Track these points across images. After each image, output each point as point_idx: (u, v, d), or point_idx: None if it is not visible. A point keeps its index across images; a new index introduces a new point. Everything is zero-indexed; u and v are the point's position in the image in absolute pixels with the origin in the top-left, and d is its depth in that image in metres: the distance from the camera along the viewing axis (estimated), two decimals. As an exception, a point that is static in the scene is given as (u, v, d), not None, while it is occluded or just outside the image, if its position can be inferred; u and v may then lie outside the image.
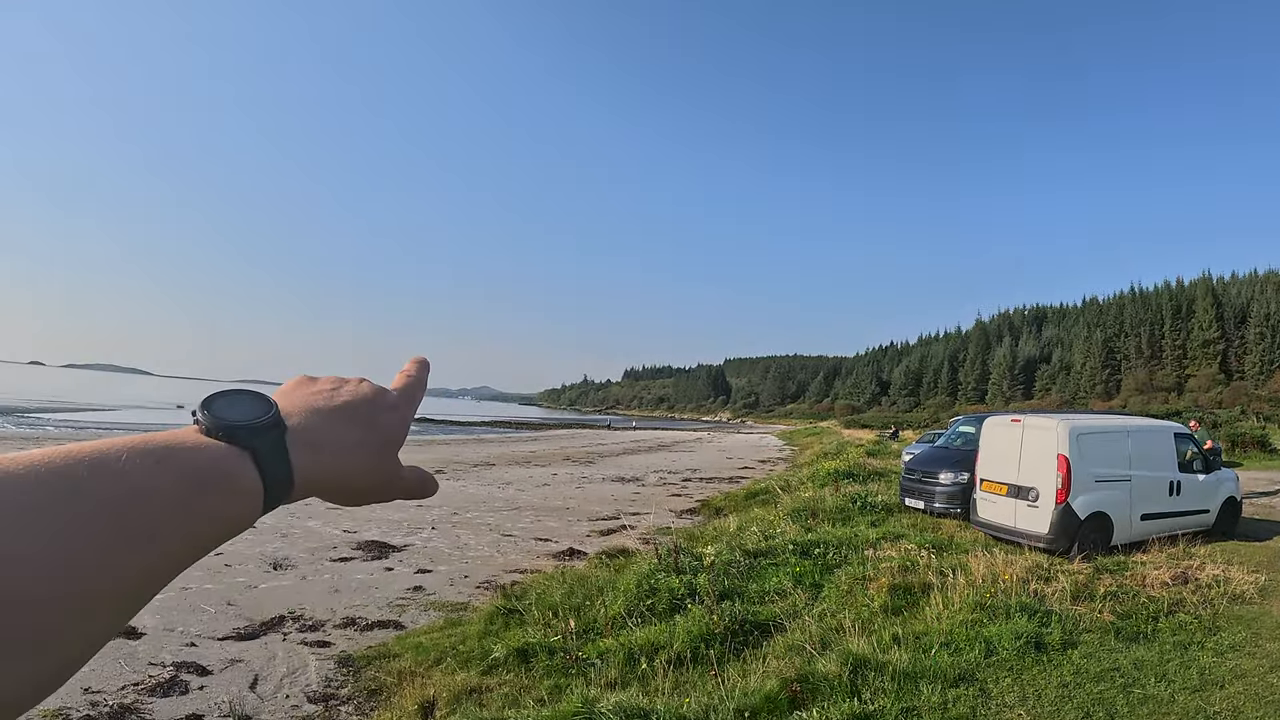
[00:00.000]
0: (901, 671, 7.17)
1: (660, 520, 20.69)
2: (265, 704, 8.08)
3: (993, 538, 13.89)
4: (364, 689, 8.56)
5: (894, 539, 13.54)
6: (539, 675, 8.33)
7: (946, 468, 17.13)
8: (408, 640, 10.09)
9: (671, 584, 10.37)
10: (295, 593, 12.42)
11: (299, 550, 15.43)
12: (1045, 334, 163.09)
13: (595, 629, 9.52)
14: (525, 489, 28.49)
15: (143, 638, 9.87)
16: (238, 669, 9.02)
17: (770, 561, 12.27)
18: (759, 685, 7.05)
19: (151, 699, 8.02)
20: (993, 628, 8.37)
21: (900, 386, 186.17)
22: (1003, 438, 14.13)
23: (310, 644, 10.00)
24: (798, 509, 17.25)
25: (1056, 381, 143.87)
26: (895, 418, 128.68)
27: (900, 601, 9.74)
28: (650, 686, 7.63)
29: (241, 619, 10.88)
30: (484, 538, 17.88)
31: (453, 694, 7.92)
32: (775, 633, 9.14)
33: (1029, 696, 6.91)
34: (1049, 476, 12.94)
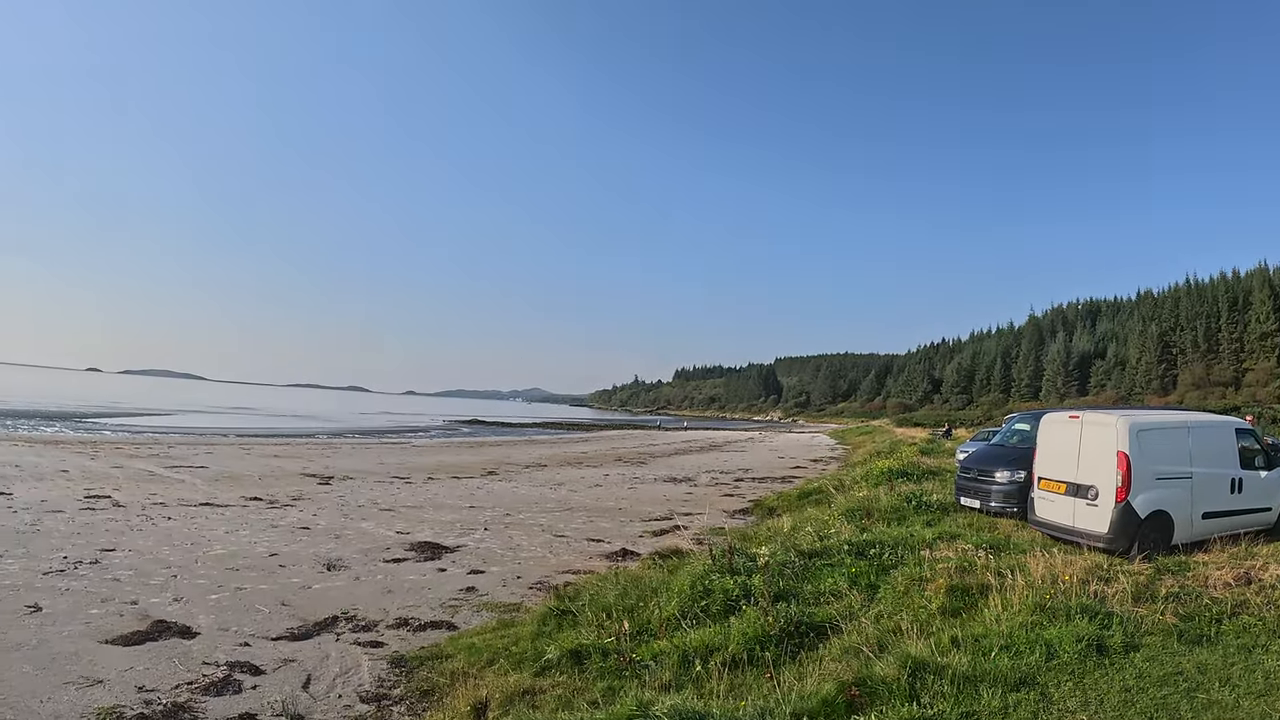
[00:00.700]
0: (961, 675, 6.99)
1: (713, 521, 20.58)
2: (318, 704, 8.07)
3: (1051, 537, 13.56)
4: (417, 689, 8.53)
5: (950, 539, 13.27)
6: (593, 677, 8.24)
7: (1003, 466, 16.81)
8: (460, 641, 10.06)
9: (726, 585, 10.23)
10: (348, 593, 12.46)
11: (352, 551, 15.49)
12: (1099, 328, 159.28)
13: (649, 630, 9.40)
14: (577, 490, 28.52)
15: (197, 637, 9.94)
16: (291, 669, 9.03)
17: (825, 562, 12.08)
18: (815, 689, 6.90)
19: (205, 698, 8.05)
20: (1053, 630, 8.15)
21: (952, 384, 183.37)
22: (1061, 435, 13.82)
23: (363, 644, 10.01)
24: (852, 509, 17.02)
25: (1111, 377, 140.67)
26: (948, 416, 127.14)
27: (958, 603, 9.53)
28: (705, 689, 7.51)
29: (295, 619, 10.92)
30: (536, 538, 17.87)
31: (506, 695, 7.86)
32: (831, 635, 8.97)
33: (1091, 701, 6.70)
34: (1108, 474, 12.59)
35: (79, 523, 16.79)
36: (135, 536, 15.73)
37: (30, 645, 9.30)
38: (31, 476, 23.84)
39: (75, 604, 11.04)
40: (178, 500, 20.88)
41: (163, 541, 15.41)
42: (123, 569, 13.16)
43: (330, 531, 17.50)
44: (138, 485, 23.44)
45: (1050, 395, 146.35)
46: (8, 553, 13.73)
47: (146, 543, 15.22)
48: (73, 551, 14.11)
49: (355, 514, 20.24)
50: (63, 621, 10.23)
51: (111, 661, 8.93)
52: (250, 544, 15.68)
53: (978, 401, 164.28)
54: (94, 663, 8.87)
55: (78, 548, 14.42)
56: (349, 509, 21.06)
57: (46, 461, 28.41)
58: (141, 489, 22.65)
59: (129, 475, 25.86)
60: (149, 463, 30.45)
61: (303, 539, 16.47)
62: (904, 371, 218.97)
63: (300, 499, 22.55)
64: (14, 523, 16.31)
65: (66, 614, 10.56)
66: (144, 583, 12.40)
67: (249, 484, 25.49)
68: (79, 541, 14.94)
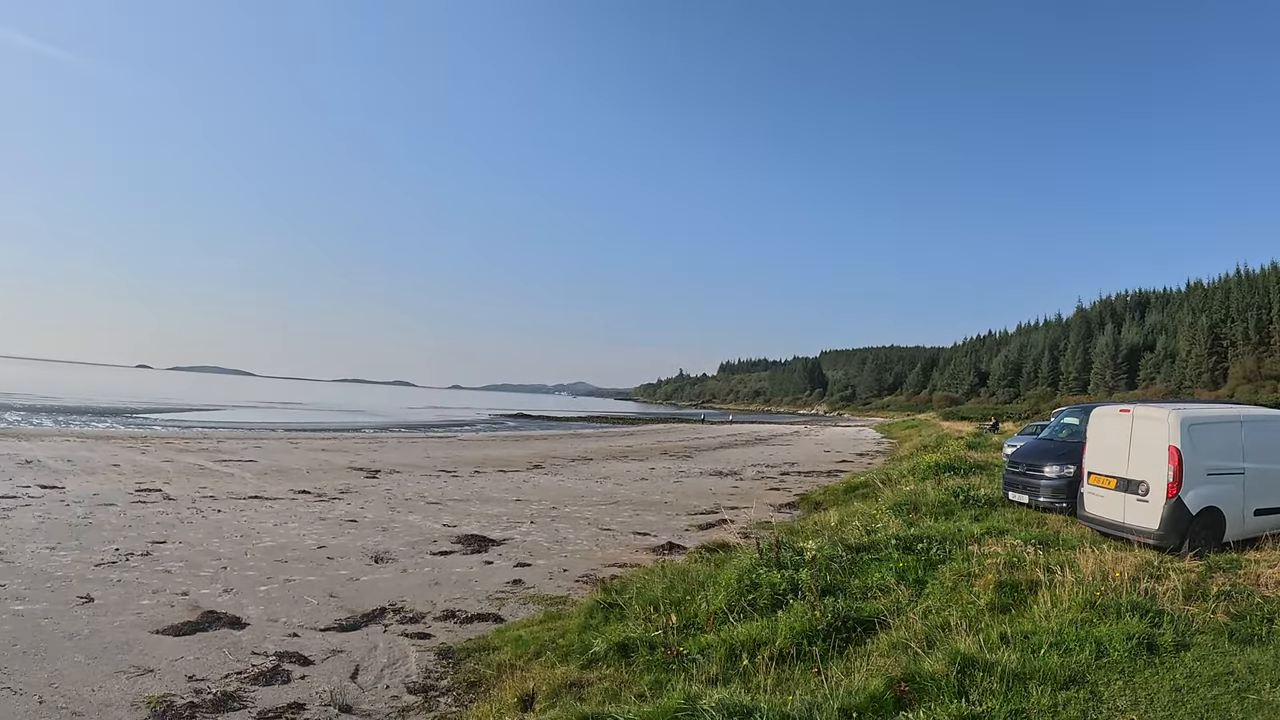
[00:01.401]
0: (1010, 672, 6.84)
1: (759, 514, 20.47)
2: (365, 694, 8.08)
3: (1100, 533, 13.31)
4: (463, 681, 8.52)
5: (998, 534, 13.06)
6: (639, 670, 8.18)
7: (1052, 460, 16.57)
8: (507, 633, 10.04)
9: (773, 579, 10.13)
10: (396, 585, 12.50)
11: (399, 544, 15.55)
12: (1148, 320, 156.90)
13: (696, 624, 9.32)
14: (623, 483, 28.51)
15: (246, 628, 10.00)
16: (339, 659, 9.06)
17: (872, 557, 11.92)
18: (863, 684, 6.80)
19: (254, 687, 8.08)
20: (1103, 627, 7.97)
21: (999, 377, 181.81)
22: (1111, 429, 13.55)
23: (410, 635, 10.02)
24: (899, 503, 16.84)
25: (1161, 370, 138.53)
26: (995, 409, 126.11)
27: (1007, 599, 9.36)
28: (752, 683, 7.43)
29: (343, 610, 10.96)
30: (583, 532, 17.86)
31: (552, 687, 7.82)
32: (879, 630, 8.86)
33: (1141, 700, 6.53)
34: (1159, 469, 12.30)
35: (130, 515, 17.01)
36: (185, 529, 15.91)
37: (82, 635, 9.40)
38: (84, 471, 24.20)
39: (127, 595, 11.16)
40: (227, 493, 21.11)
41: (213, 534, 15.57)
42: (173, 561, 13.29)
43: (377, 524, 17.60)
44: (188, 479, 23.73)
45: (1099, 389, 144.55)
46: (61, 545, 13.92)
47: (196, 535, 15.38)
48: (124, 543, 14.28)
49: (402, 507, 20.34)
50: (114, 612, 10.34)
51: (162, 651, 8.99)
52: (299, 536, 15.80)
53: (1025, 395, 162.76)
54: (145, 652, 8.94)
55: (129, 540, 14.60)
56: (396, 502, 21.17)
57: (98, 456, 28.84)
58: (191, 482, 22.92)
59: (179, 469, 26.19)
60: (199, 457, 30.82)
61: (350, 531, 16.56)
62: (950, 364, 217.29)
63: (348, 492, 22.71)
64: (67, 516, 16.54)
65: (118, 605, 10.67)
66: (194, 574, 12.51)
67: (297, 477, 25.74)
68: (130, 534, 15.12)
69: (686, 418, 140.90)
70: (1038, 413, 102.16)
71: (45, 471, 23.47)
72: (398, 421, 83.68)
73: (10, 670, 8.20)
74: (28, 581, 11.53)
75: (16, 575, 11.83)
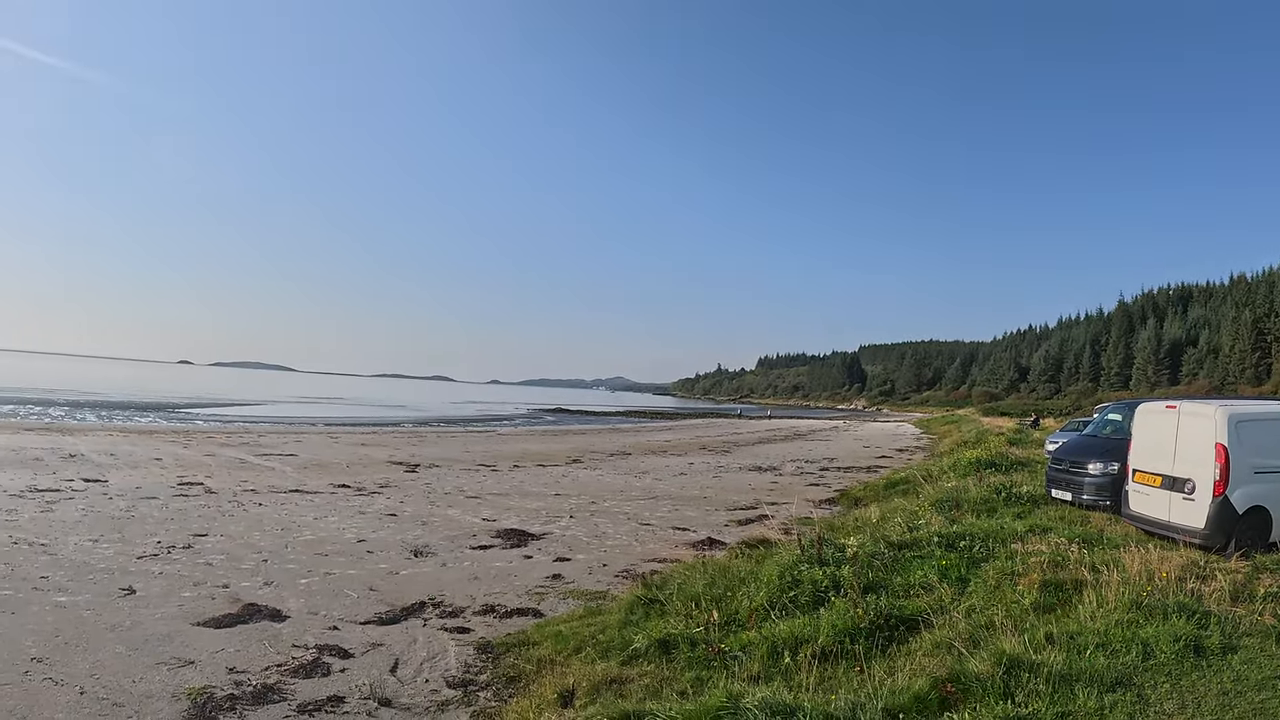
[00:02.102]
0: (1056, 673, 6.68)
1: (799, 510, 20.31)
2: (405, 687, 8.05)
3: (1144, 532, 13.06)
4: (503, 675, 8.47)
5: (1041, 532, 12.86)
6: (680, 667, 8.09)
7: (1095, 457, 16.28)
8: (547, 628, 9.99)
9: (815, 576, 10.01)
10: (435, 579, 12.50)
11: (439, 538, 15.56)
12: (1191, 315, 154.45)
13: (737, 621, 9.23)
14: (662, 478, 28.45)
15: (287, 620, 10.02)
16: (379, 653, 9.05)
17: (914, 554, 11.76)
18: (907, 684, 6.68)
19: (294, 680, 8.07)
20: (1149, 629, 7.78)
21: (1040, 372, 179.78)
22: (1157, 426, 13.29)
23: (450, 630, 10.00)
24: (940, 500, 16.65)
25: (1204, 366, 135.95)
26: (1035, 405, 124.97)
27: (1051, 599, 9.19)
28: (794, 681, 7.31)
29: (383, 604, 10.96)
30: (622, 526, 17.81)
31: (592, 683, 7.75)
32: (922, 628, 8.73)
33: (1188, 704, 6.36)
34: (1206, 467, 12.00)
35: (172, 509, 17.14)
36: (227, 522, 16.01)
37: (124, 627, 9.45)
38: (126, 465, 24.47)
39: (168, 587, 11.22)
40: (268, 487, 21.24)
41: (253, 527, 15.65)
42: (215, 553, 13.37)
43: (417, 518, 17.63)
44: (229, 473, 23.92)
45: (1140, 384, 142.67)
46: (104, 538, 14.03)
47: (238, 528, 15.47)
48: (166, 536, 14.38)
49: (442, 501, 20.39)
50: (156, 604, 10.40)
51: (203, 643, 9.02)
52: (339, 530, 15.85)
53: (1066, 390, 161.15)
54: (186, 644, 8.97)
55: (171, 533, 14.70)
56: (435, 496, 21.22)
57: (141, 450, 29.16)
58: (233, 476, 23.10)
59: (221, 463, 26.40)
60: (240, 451, 31.08)
61: (390, 525, 16.60)
62: (990, 359, 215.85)
63: (387, 486, 22.78)
64: (110, 509, 16.69)
65: (160, 596, 10.73)
66: (235, 567, 12.57)
67: (337, 471, 25.87)
68: (172, 527, 15.24)
69: (724, 412, 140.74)
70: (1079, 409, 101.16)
71: (88, 465, 23.75)
72: (437, 416, 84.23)
73: (52, 661, 8.25)
74: (70, 573, 11.63)
75: (60, 567, 11.94)
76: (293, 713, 7.34)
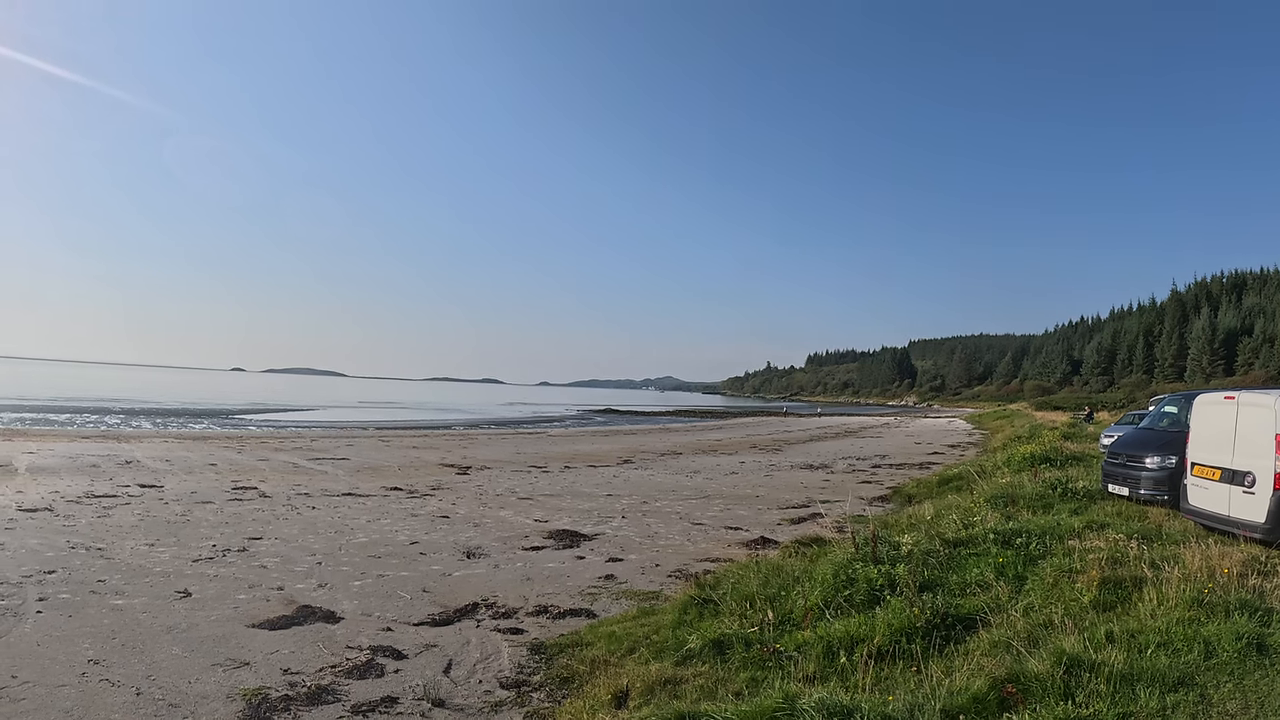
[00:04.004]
0: (1117, 673, 6.53)
1: (852, 508, 20.10)
2: (459, 688, 8.03)
3: (1204, 527, 12.76)
4: (556, 676, 8.43)
5: (1099, 528, 12.62)
6: (735, 667, 8.00)
7: (1153, 451, 15.96)
8: (600, 629, 9.93)
9: (869, 574, 9.87)
10: (488, 581, 12.49)
11: (491, 539, 15.57)
12: (1246, 303, 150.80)
13: (791, 620, 9.12)
14: (713, 477, 28.35)
15: (341, 622, 10.05)
16: (432, 654, 9.04)
17: (970, 551, 11.57)
18: (965, 684, 6.56)
19: (348, 681, 8.08)
20: (1211, 626, 7.58)
21: (1093, 365, 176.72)
22: (1215, 417, 12.98)
23: (503, 631, 9.97)
24: (995, 496, 16.40)
25: (1260, 355, 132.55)
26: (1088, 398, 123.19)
27: (1110, 596, 9.00)
28: (850, 682, 7.20)
29: (436, 605, 10.96)
30: (674, 526, 17.73)
31: (646, 684, 7.68)
32: (979, 627, 8.57)
33: (1252, 704, 6.18)
34: (1266, 459, 11.66)
35: (227, 513, 17.31)
36: (281, 525, 16.13)
37: (180, 629, 9.52)
38: (181, 470, 24.76)
39: (223, 589, 11.30)
40: (321, 491, 21.39)
41: (307, 530, 15.76)
42: (269, 556, 13.46)
43: (469, 520, 17.67)
44: (282, 477, 24.13)
45: (1195, 375, 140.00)
46: (159, 542, 14.18)
47: (291, 531, 15.58)
48: (221, 540, 14.51)
49: (493, 503, 20.43)
50: (211, 606, 10.47)
51: (258, 644, 9.06)
52: (391, 532, 15.91)
53: (1119, 383, 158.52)
54: (241, 645, 9.02)
55: (226, 536, 14.83)
56: (487, 498, 21.27)
57: (195, 456, 29.50)
58: (286, 480, 23.30)
59: (274, 467, 26.66)
60: (293, 455, 31.38)
61: (442, 527, 16.65)
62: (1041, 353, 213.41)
63: (439, 488, 22.87)
64: (165, 514, 16.88)
65: (215, 599, 10.81)
66: (289, 569, 12.65)
67: (389, 474, 26.02)
68: (227, 530, 15.38)
69: (773, 410, 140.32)
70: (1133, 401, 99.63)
71: (144, 471, 24.06)
72: (487, 418, 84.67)
73: (109, 663, 8.32)
74: (127, 577, 11.75)
75: (116, 571, 12.07)
76: (347, 713, 7.34)
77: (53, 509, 16.85)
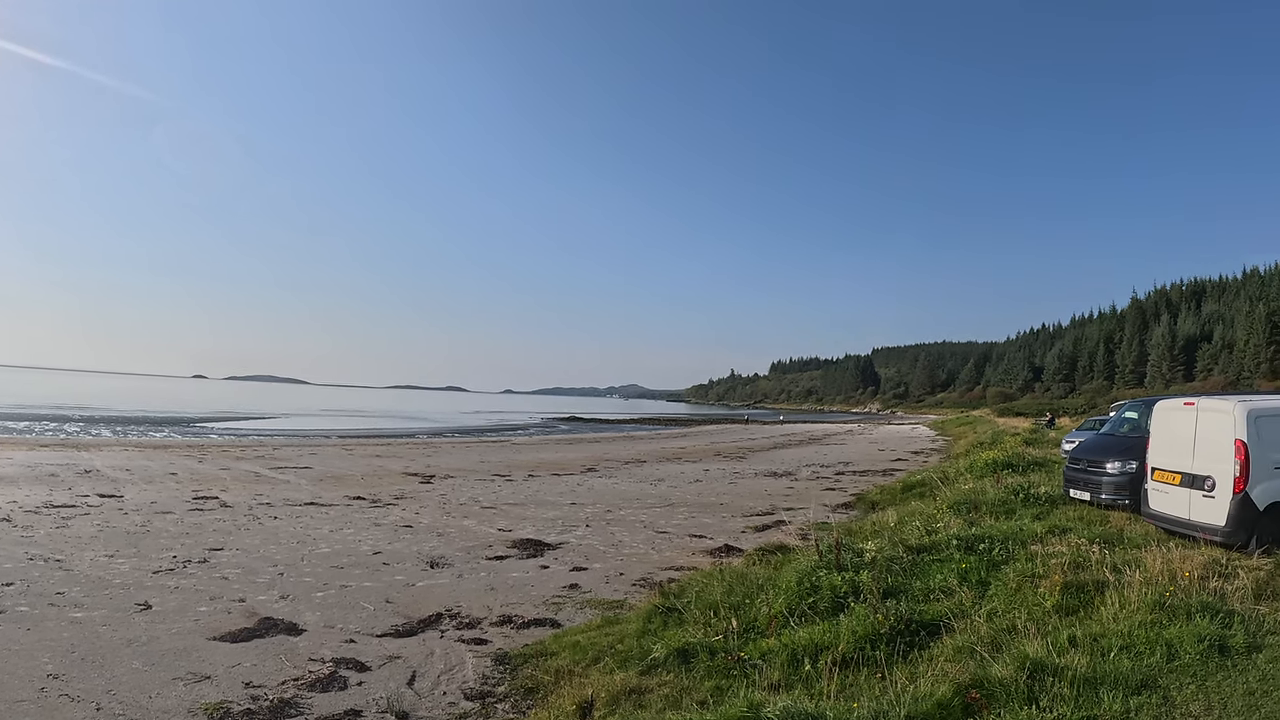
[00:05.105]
0: (1081, 677, 6.60)
1: (816, 515, 20.19)
2: (423, 700, 8.00)
3: (1165, 531, 12.96)
4: (521, 687, 8.42)
5: (1061, 533, 12.76)
6: (700, 676, 8.02)
7: (1114, 456, 16.17)
8: (564, 639, 9.92)
9: (834, 581, 9.93)
10: (452, 591, 12.44)
11: (455, 549, 15.52)
12: (1205, 310, 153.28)
13: (756, 628, 9.16)
14: (678, 485, 28.40)
15: (303, 634, 9.98)
16: (396, 665, 9.00)
17: (933, 557, 11.69)
18: (929, 690, 6.61)
19: (311, 694, 8.03)
20: (1173, 629, 7.69)
21: (1054, 371, 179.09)
22: (1175, 423, 13.20)
23: (467, 641, 9.94)
24: (958, 502, 16.53)
25: (1219, 361, 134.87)
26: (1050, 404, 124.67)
27: (1073, 600, 9.11)
28: (815, 689, 7.22)
29: (399, 616, 10.91)
30: (638, 535, 17.74)
31: (611, 694, 7.68)
32: (943, 633, 8.64)
33: (1214, 706, 6.28)
34: (1226, 464, 11.92)
35: (188, 523, 17.14)
36: (242, 536, 15.99)
37: (140, 642, 9.42)
38: (142, 479, 24.51)
39: (184, 602, 11.19)
40: (283, 500, 21.24)
41: (269, 540, 15.63)
42: (230, 567, 13.35)
43: (433, 529, 17.60)
44: (244, 486, 23.93)
45: (1155, 381, 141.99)
46: (119, 553, 14.03)
47: (253, 542, 15.45)
48: (182, 551, 14.37)
49: (457, 512, 20.36)
50: (172, 619, 10.37)
51: (219, 658, 8.98)
52: (354, 542, 15.82)
53: (1080, 389, 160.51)
54: (202, 659, 8.94)
55: (186, 547, 14.70)
56: (451, 507, 21.20)
57: (156, 465, 29.22)
58: (248, 490, 23.11)
59: (235, 477, 26.44)
60: (255, 464, 31.14)
61: (406, 537, 16.57)
62: (1003, 359, 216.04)
63: (403, 498, 22.77)
64: (125, 524, 16.70)
65: (175, 611, 10.71)
66: (251, 581, 12.54)
67: (352, 484, 25.87)
68: (188, 541, 15.23)
69: (735, 418, 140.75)
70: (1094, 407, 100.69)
71: (104, 480, 23.80)
72: (451, 426, 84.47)
73: (69, 677, 8.22)
74: (86, 589, 11.62)
75: (76, 583, 11.93)
76: (310, 727, 7.30)
77: (10, 519, 16.65)
